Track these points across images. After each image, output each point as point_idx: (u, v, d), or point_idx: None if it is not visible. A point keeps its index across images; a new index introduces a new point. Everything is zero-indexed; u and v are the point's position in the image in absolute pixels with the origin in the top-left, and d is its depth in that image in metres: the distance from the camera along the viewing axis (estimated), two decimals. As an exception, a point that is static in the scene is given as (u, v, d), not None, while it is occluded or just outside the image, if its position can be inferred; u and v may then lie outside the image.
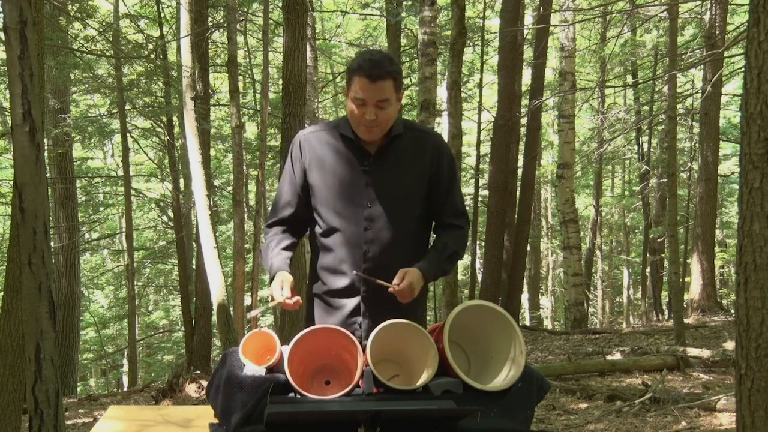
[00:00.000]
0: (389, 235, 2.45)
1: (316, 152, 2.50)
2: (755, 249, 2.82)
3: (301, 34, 6.78)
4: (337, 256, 2.48)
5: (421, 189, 2.50)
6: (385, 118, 2.39)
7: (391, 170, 2.47)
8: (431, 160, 2.51)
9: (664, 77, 11.53)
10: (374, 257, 2.44)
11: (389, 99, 2.37)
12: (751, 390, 2.85)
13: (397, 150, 2.49)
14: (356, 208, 2.45)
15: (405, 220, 2.49)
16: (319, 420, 2.06)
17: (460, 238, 2.57)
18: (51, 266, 3.21)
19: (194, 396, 7.12)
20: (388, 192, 2.46)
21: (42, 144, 3.18)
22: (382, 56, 2.38)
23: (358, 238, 2.44)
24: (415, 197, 2.50)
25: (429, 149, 2.52)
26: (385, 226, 2.45)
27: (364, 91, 2.34)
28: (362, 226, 2.44)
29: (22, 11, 3.05)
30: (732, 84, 14.93)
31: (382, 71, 2.33)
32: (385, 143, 2.48)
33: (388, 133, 2.47)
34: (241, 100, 14.20)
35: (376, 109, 2.36)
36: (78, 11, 10.90)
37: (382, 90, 2.34)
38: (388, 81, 2.35)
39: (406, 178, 2.48)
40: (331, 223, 2.47)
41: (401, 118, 2.56)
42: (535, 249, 20.53)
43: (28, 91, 3.06)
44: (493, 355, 2.35)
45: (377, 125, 2.39)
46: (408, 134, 2.51)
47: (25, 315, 3.14)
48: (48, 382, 3.11)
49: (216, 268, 7.98)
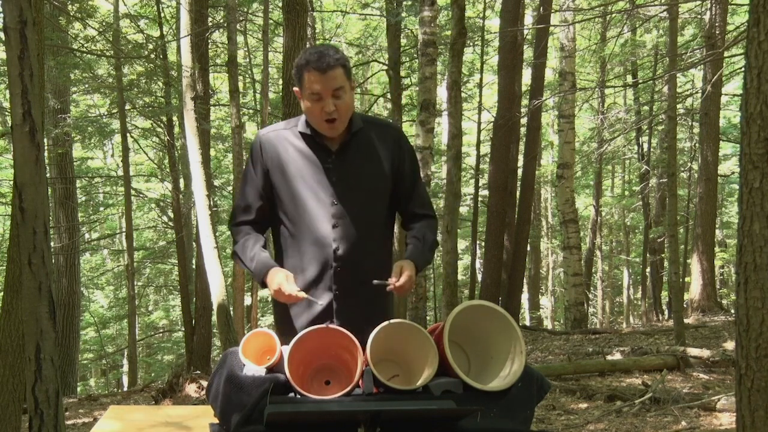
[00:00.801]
0: (358, 230, 2.44)
1: (278, 152, 2.47)
2: (755, 249, 2.82)
3: (301, 34, 6.78)
4: (307, 255, 2.46)
5: (386, 182, 2.50)
6: (344, 107, 2.38)
7: (355, 165, 2.47)
8: (393, 153, 2.51)
9: (664, 77, 11.53)
10: (344, 254, 2.43)
11: (343, 86, 2.36)
12: (751, 390, 2.85)
13: (358, 145, 2.48)
14: (323, 206, 2.43)
15: (372, 215, 2.49)
16: (319, 420, 2.06)
17: (435, 228, 2.58)
18: (51, 266, 3.20)
19: (194, 396, 7.12)
20: (353, 187, 2.45)
21: (42, 144, 3.18)
22: (326, 47, 2.38)
23: (326, 236, 2.43)
24: (380, 191, 2.50)
25: (390, 142, 2.52)
26: (353, 222, 2.44)
27: (317, 84, 2.33)
28: (330, 224, 2.43)
29: (22, 11, 3.05)
30: (732, 84, 14.93)
31: (330, 60, 2.33)
32: (346, 139, 2.47)
33: (348, 128, 2.47)
34: (241, 100, 14.20)
35: (334, 99, 2.35)
36: (78, 11, 10.90)
37: (335, 78, 2.34)
38: (338, 69, 2.34)
39: (370, 172, 2.48)
40: (298, 223, 2.46)
41: (359, 113, 2.55)
42: (535, 249, 20.53)
43: (28, 91, 3.06)
44: (493, 355, 2.35)
45: (338, 116, 2.38)
46: (368, 128, 2.51)
47: (25, 315, 3.14)
48: (48, 382, 3.11)
49: (216, 268, 7.98)
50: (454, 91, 8.87)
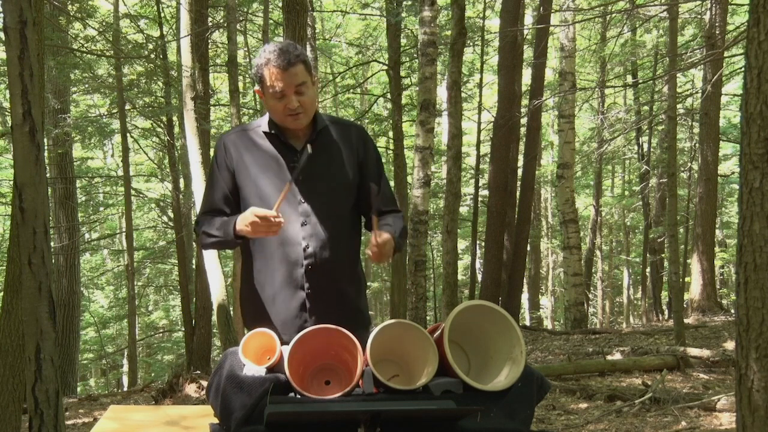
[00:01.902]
0: (326, 228, 2.44)
1: (242, 154, 2.47)
2: (755, 249, 2.82)
3: (301, 34, 6.78)
4: (275, 256, 2.45)
5: (352, 179, 2.51)
6: (308, 101, 2.39)
7: (321, 163, 2.47)
8: (358, 151, 2.52)
9: (664, 77, 11.53)
10: (314, 252, 2.43)
11: (305, 82, 2.37)
12: (751, 390, 2.85)
13: (323, 143, 2.49)
14: (290, 205, 2.43)
15: (340, 212, 2.49)
16: (319, 420, 2.06)
17: (402, 219, 2.58)
18: (51, 266, 3.21)
19: (194, 396, 7.12)
20: (320, 185, 2.46)
21: (42, 144, 3.18)
22: (286, 44, 2.38)
23: (295, 234, 2.42)
24: (346, 188, 2.50)
25: (354, 141, 2.53)
26: (322, 219, 2.44)
27: (279, 82, 2.33)
28: (299, 222, 2.43)
29: (22, 11, 3.05)
30: (732, 84, 14.93)
31: (290, 57, 2.33)
32: (311, 138, 2.47)
33: (313, 126, 2.47)
34: (241, 100, 14.20)
35: (297, 95, 2.36)
36: (78, 11, 10.90)
37: (296, 75, 2.34)
38: (299, 65, 2.34)
39: (336, 169, 2.48)
40: None
41: (323, 114, 2.56)
42: (535, 249, 20.54)
43: (28, 91, 3.06)
44: (492, 354, 2.35)
45: (302, 111, 2.39)
46: (332, 127, 2.52)
47: (25, 315, 3.14)
48: (48, 382, 3.11)
49: (216, 268, 7.98)
50: (454, 91, 8.88)
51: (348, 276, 2.52)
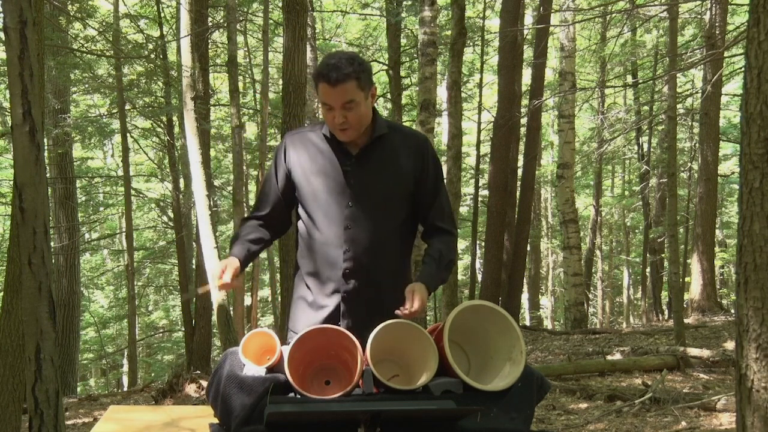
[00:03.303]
0: (370, 235, 2.45)
1: (300, 154, 2.51)
2: (755, 249, 2.82)
3: (301, 34, 6.78)
4: (318, 255, 2.49)
5: (405, 190, 2.50)
6: (355, 118, 2.38)
7: (373, 170, 2.47)
8: (416, 161, 2.51)
9: (664, 77, 11.53)
10: (354, 257, 2.45)
11: (354, 99, 2.35)
12: (751, 390, 2.85)
13: (380, 150, 2.49)
14: (338, 208, 2.45)
15: (387, 221, 2.48)
16: (319, 420, 2.06)
17: (452, 245, 2.56)
18: (51, 266, 3.21)
19: (194, 396, 7.12)
20: (369, 192, 2.46)
21: (42, 144, 3.18)
22: (341, 58, 2.34)
23: (338, 237, 2.45)
24: (398, 198, 2.50)
25: (413, 150, 2.51)
26: (366, 226, 2.45)
27: (327, 96, 2.34)
28: (342, 226, 2.45)
29: (22, 11, 3.05)
30: (732, 84, 14.93)
31: (340, 75, 2.30)
32: (367, 143, 2.48)
33: (371, 133, 2.47)
34: (241, 100, 14.21)
35: (344, 111, 2.35)
36: (78, 11, 10.90)
37: (345, 92, 2.33)
38: (350, 83, 2.32)
39: (389, 178, 2.48)
40: (313, 223, 2.49)
41: (385, 120, 2.55)
42: (535, 249, 20.53)
43: (28, 91, 3.06)
44: (492, 355, 2.35)
45: (349, 126, 2.39)
46: (392, 135, 2.51)
47: (25, 315, 3.14)
48: (48, 382, 3.11)
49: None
50: (454, 91, 8.88)
51: (388, 283, 2.50)
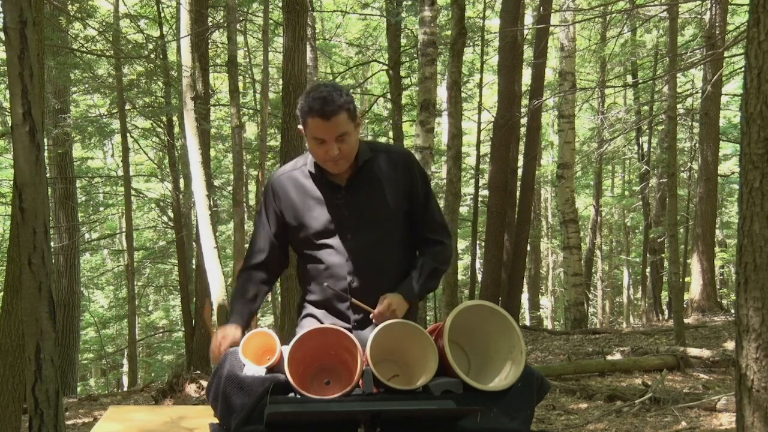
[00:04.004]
0: (373, 263, 2.45)
1: (289, 194, 2.50)
2: (755, 249, 2.83)
3: (301, 34, 6.78)
4: (323, 291, 2.48)
5: (399, 209, 2.49)
6: (348, 149, 2.37)
7: (365, 198, 2.47)
8: (404, 178, 2.50)
9: (664, 77, 11.53)
10: (359, 287, 2.44)
11: (347, 131, 2.34)
12: (751, 390, 2.85)
13: (367, 176, 2.48)
14: (337, 241, 2.45)
15: (387, 245, 2.48)
16: (319, 420, 2.06)
17: (440, 253, 2.55)
18: (51, 266, 3.21)
19: (194, 396, 7.12)
20: (365, 220, 2.46)
21: (42, 144, 3.18)
22: (330, 90, 2.33)
23: (341, 270, 2.44)
24: (394, 219, 2.49)
25: (400, 167, 2.50)
26: (369, 254, 2.45)
27: (320, 131, 2.32)
28: (344, 258, 2.44)
29: (22, 11, 3.05)
30: (732, 84, 14.93)
31: (333, 107, 2.29)
32: (353, 173, 2.47)
33: (355, 162, 2.46)
34: (241, 100, 14.20)
35: (338, 143, 2.34)
36: (78, 11, 10.90)
37: (338, 125, 2.31)
38: (342, 114, 2.31)
39: (381, 201, 2.47)
40: (314, 261, 2.49)
41: (366, 142, 2.54)
42: (535, 249, 20.53)
43: (28, 91, 3.06)
44: (492, 355, 2.35)
45: (342, 158, 2.38)
46: (376, 157, 2.50)
47: (25, 315, 3.14)
48: (48, 382, 3.11)
49: (216, 268, 7.97)
50: (454, 91, 8.88)
51: None
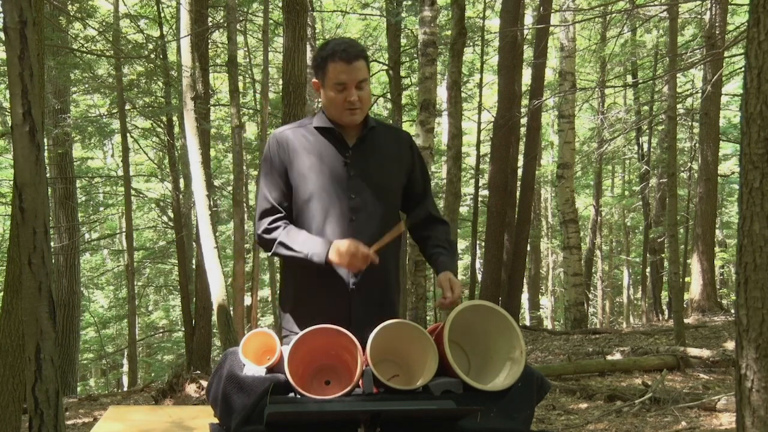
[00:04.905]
0: (374, 225, 2.44)
1: (295, 148, 2.46)
2: (755, 249, 2.82)
3: (301, 34, 6.77)
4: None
5: (400, 181, 2.54)
6: (366, 97, 2.44)
7: (372, 160, 2.49)
8: (406, 154, 2.56)
9: (664, 77, 11.53)
10: None
11: (366, 78, 2.42)
12: (751, 390, 2.85)
13: (374, 142, 2.51)
14: (341, 200, 2.43)
15: (387, 210, 2.50)
16: (319, 420, 2.06)
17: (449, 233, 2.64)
18: (51, 266, 3.21)
19: (194, 396, 7.12)
20: (370, 182, 2.46)
21: (42, 144, 3.18)
22: (350, 40, 2.46)
23: (343, 230, 2.43)
24: (395, 188, 2.54)
25: (403, 143, 2.58)
26: (370, 215, 2.45)
27: (343, 74, 2.37)
28: (347, 218, 2.43)
29: (22, 11, 3.05)
30: (732, 84, 14.93)
31: (356, 51, 2.39)
32: (363, 133, 2.49)
33: (365, 123, 2.50)
34: (241, 100, 14.21)
35: (357, 90, 2.40)
36: (78, 11, 10.90)
37: (359, 70, 2.39)
38: (362, 61, 2.40)
39: (387, 168, 2.51)
40: (316, 218, 2.43)
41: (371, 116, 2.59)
42: (535, 249, 20.53)
43: (28, 91, 3.06)
44: (492, 354, 2.35)
45: (359, 106, 2.42)
46: (381, 128, 2.56)
47: (25, 315, 3.14)
48: (48, 382, 3.11)
49: (216, 268, 7.97)
50: (454, 91, 8.88)
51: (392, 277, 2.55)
